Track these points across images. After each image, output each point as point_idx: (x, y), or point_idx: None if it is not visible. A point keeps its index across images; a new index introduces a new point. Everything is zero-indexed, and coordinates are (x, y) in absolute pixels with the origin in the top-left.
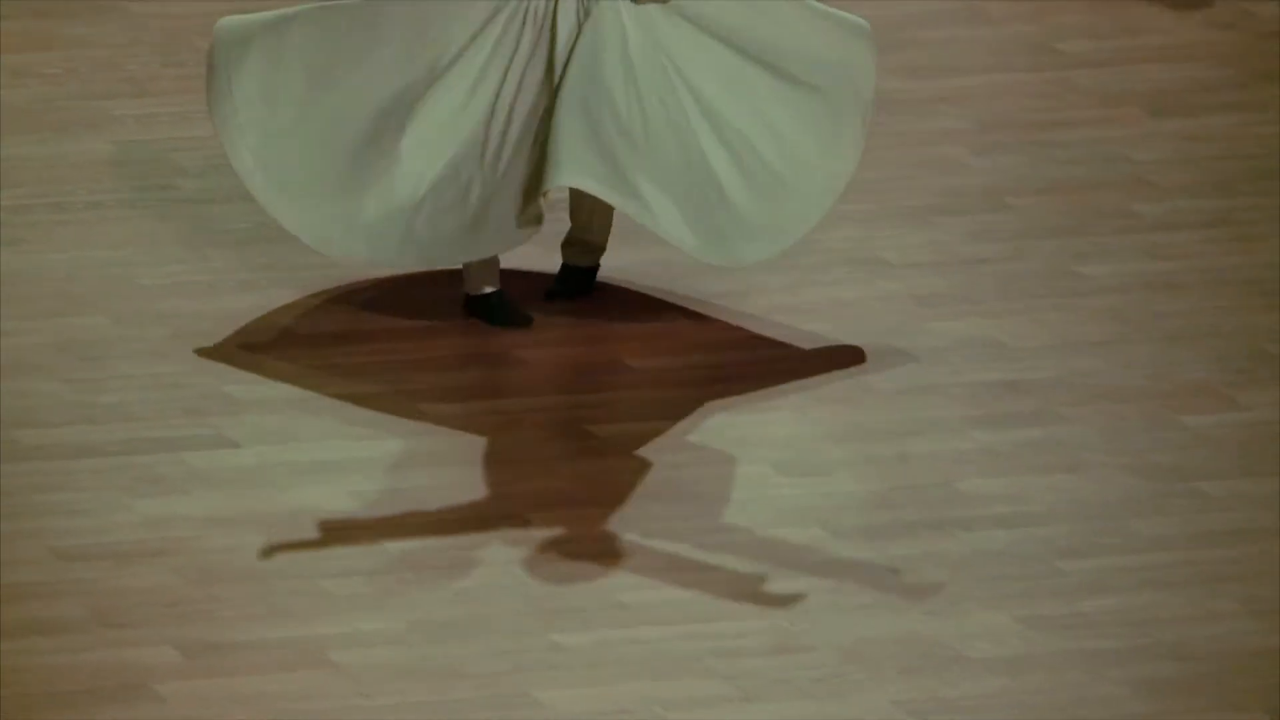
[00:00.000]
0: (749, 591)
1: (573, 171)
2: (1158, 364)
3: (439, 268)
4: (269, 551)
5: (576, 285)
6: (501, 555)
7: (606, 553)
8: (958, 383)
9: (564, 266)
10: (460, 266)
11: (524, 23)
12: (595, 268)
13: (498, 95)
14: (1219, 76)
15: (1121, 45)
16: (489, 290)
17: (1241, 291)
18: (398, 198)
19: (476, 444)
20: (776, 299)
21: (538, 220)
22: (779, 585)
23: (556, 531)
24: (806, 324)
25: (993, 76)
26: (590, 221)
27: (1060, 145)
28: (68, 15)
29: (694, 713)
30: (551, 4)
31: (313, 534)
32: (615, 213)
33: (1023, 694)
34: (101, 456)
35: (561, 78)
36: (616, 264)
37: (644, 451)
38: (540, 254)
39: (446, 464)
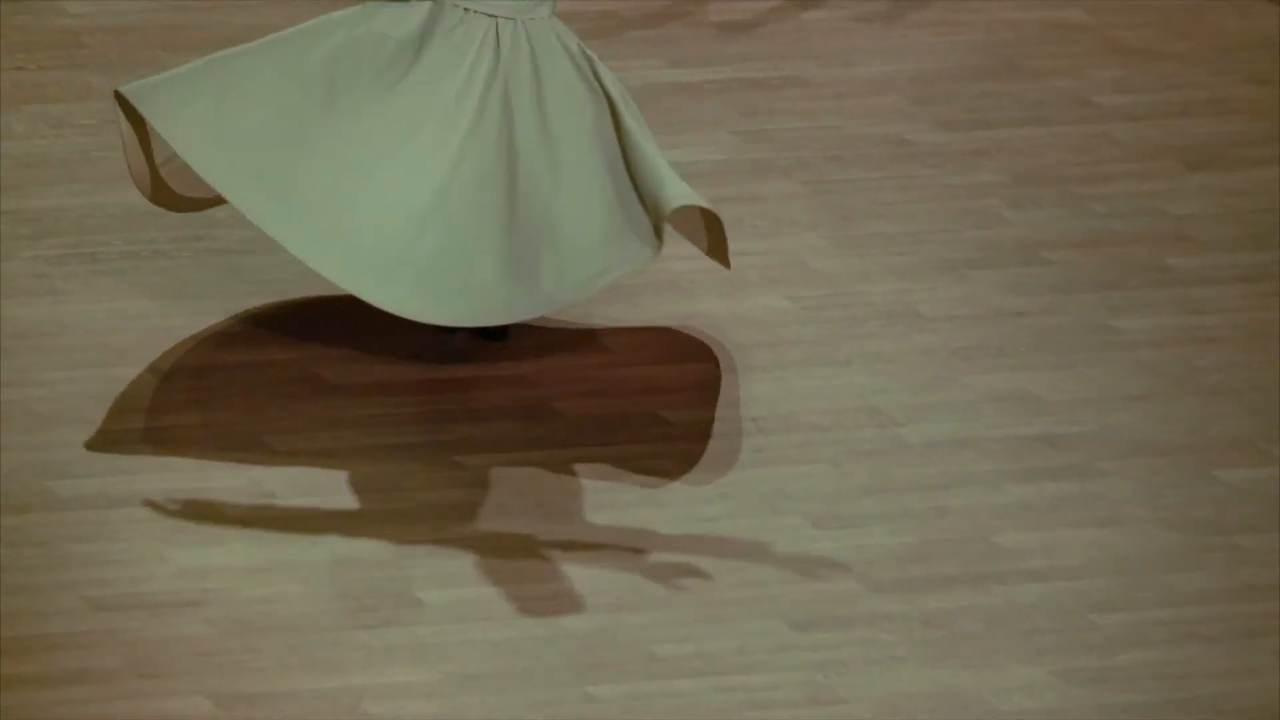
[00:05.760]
0: (783, 644)
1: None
2: (1194, 418)
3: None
4: (304, 602)
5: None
6: (537, 607)
7: (641, 605)
8: (993, 436)
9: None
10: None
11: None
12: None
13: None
14: (1257, 131)
15: (1159, 99)
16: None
17: (1278, 345)
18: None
19: (512, 496)
20: (812, 351)
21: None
22: (813, 638)
23: (591, 584)
24: (842, 377)
25: (1029, 130)
26: None
27: (1097, 199)
28: (103, 66)
29: None
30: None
31: (348, 584)
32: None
33: None
34: (137, 507)
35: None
36: (652, 316)
37: (678, 504)
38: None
39: (482, 515)
